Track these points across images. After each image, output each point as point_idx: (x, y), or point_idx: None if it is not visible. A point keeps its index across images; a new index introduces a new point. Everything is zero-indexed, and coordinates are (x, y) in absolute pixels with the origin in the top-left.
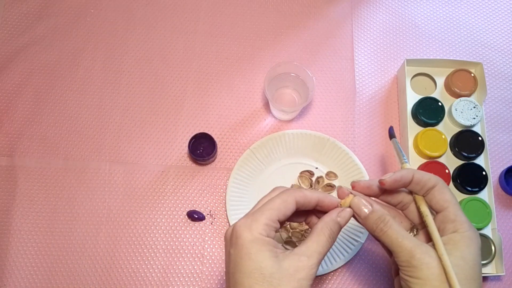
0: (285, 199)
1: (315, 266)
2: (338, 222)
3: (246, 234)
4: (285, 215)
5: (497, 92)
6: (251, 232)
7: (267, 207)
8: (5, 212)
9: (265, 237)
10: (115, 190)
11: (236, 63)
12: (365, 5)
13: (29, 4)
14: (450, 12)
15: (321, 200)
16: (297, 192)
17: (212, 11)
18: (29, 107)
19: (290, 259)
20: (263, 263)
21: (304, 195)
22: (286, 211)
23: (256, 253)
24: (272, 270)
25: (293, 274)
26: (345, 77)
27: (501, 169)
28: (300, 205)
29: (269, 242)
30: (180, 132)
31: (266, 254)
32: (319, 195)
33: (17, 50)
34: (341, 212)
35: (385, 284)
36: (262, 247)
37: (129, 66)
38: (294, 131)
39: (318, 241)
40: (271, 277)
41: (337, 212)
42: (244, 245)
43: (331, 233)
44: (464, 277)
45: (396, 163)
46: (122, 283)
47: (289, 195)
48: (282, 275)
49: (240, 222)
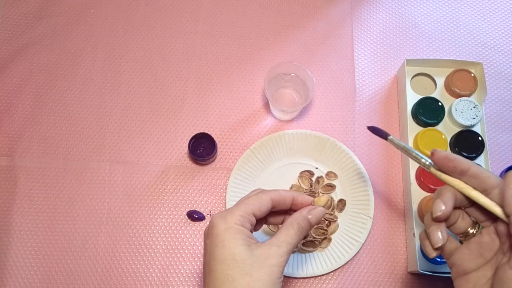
0: (260, 196)
1: (285, 254)
2: (308, 219)
3: (221, 223)
4: (260, 210)
5: (497, 92)
6: (226, 221)
7: (243, 202)
8: (5, 212)
9: (239, 226)
10: (115, 190)
11: (236, 63)
12: (365, 5)
13: (29, 4)
14: (450, 12)
15: (295, 198)
16: (273, 191)
17: (212, 11)
18: (29, 107)
19: (262, 248)
20: (236, 249)
21: (279, 193)
22: (261, 207)
23: (230, 240)
24: (244, 256)
25: (264, 260)
26: (345, 77)
27: (501, 169)
28: (276, 203)
29: (242, 231)
30: (180, 132)
31: (239, 242)
32: (293, 193)
33: (17, 50)
34: (312, 210)
35: (384, 284)
36: (235, 235)
37: (129, 66)
38: (294, 131)
39: (287, 233)
40: (243, 263)
41: (308, 210)
42: (219, 234)
43: (300, 227)
44: None
45: (397, 162)
46: (122, 283)
47: (264, 193)
48: (253, 261)
49: (216, 215)
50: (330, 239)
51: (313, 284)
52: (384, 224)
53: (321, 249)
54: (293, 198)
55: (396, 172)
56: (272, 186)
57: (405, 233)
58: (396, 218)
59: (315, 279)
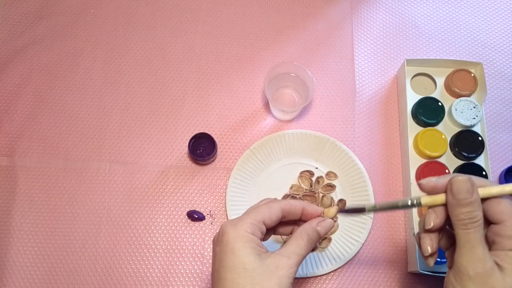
0: (270, 205)
1: (294, 265)
2: (318, 231)
3: (231, 231)
4: (270, 219)
5: (497, 92)
6: (236, 229)
7: (253, 210)
8: (5, 212)
9: (250, 234)
10: (115, 190)
11: (236, 63)
12: (365, 5)
13: (29, 4)
14: (450, 12)
15: (305, 208)
16: (283, 201)
17: (212, 11)
18: (29, 107)
19: (272, 258)
20: (246, 258)
21: (289, 202)
22: (271, 215)
23: (240, 248)
24: (254, 265)
25: (274, 271)
26: (345, 77)
27: (501, 169)
28: (286, 212)
29: (253, 239)
30: (180, 132)
31: (249, 251)
32: (303, 204)
33: (17, 50)
34: (321, 222)
35: (384, 284)
36: (246, 243)
37: (129, 66)
38: (294, 131)
39: (297, 244)
40: (253, 272)
41: (318, 221)
42: (229, 241)
43: (309, 238)
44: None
45: (397, 162)
46: (122, 283)
47: (275, 202)
48: (263, 270)
49: (226, 222)
50: (330, 239)
51: (313, 284)
52: (384, 224)
53: (321, 249)
54: (303, 208)
55: (396, 172)
56: (272, 186)
57: (405, 233)
58: (396, 218)
59: (315, 279)
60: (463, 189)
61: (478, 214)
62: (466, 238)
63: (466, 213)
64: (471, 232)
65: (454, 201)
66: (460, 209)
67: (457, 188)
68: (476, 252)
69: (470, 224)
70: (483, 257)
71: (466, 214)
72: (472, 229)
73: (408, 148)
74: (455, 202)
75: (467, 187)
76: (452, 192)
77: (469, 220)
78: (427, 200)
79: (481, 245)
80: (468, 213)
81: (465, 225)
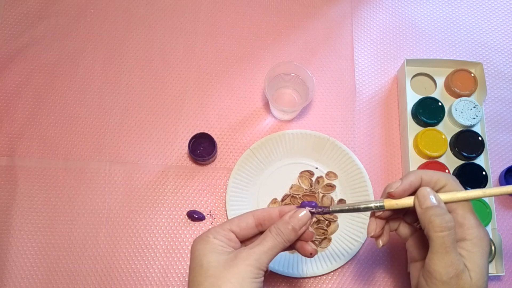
0: (242, 214)
1: (257, 254)
2: (287, 221)
3: (196, 240)
4: (239, 226)
5: (497, 92)
6: (200, 237)
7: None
8: (5, 212)
9: (211, 238)
10: (115, 190)
11: (236, 63)
12: (365, 5)
13: (29, 4)
14: (450, 12)
15: (281, 210)
16: (258, 209)
17: (212, 11)
18: (29, 107)
19: (233, 253)
20: (203, 256)
21: (264, 209)
22: (240, 223)
23: (199, 249)
24: (210, 260)
25: (231, 262)
26: (345, 77)
27: (501, 169)
28: (261, 219)
29: (213, 241)
30: (180, 132)
31: (208, 250)
32: (280, 207)
33: (17, 50)
34: (292, 213)
35: (384, 284)
36: (206, 245)
37: (129, 66)
38: (294, 131)
39: (263, 237)
40: (208, 266)
41: (289, 214)
42: (193, 248)
43: (278, 231)
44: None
45: (397, 162)
46: (122, 283)
47: (248, 212)
48: (219, 264)
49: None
50: (330, 239)
51: (313, 284)
52: None
53: (321, 249)
54: (279, 210)
55: (396, 172)
56: (272, 186)
57: None
58: None
59: (315, 279)
60: (427, 195)
61: (449, 217)
62: (441, 241)
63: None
64: (446, 236)
65: (422, 210)
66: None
67: (422, 194)
68: (449, 258)
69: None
70: (457, 261)
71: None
72: (446, 232)
73: (408, 148)
74: (422, 210)
75: (429, 192)
76: (418, 199)
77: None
78: (390, 203)
79: (454, 249)
80: (439, 216)
81: (441, 228)
